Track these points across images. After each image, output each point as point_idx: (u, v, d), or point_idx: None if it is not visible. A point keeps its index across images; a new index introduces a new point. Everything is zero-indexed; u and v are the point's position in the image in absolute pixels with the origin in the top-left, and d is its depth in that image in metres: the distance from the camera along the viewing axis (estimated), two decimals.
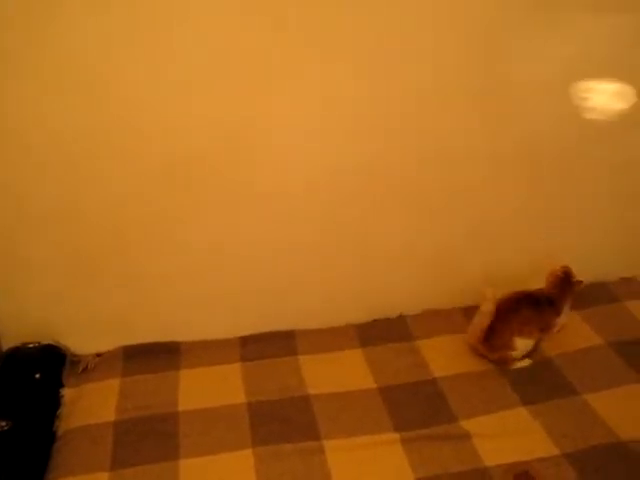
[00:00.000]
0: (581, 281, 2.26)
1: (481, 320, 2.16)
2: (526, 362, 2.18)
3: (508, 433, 1.91)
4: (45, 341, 2.18)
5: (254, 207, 2.15)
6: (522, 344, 2.15)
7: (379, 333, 2.33)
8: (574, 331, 2.30)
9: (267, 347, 2.25)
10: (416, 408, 2.01)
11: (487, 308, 2.13)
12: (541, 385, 2.07)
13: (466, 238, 2.37)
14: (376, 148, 2.12)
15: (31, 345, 2.16)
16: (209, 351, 2.24)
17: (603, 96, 2.12)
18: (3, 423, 1.90)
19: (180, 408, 2.01)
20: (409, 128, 2.12)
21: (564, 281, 2.24)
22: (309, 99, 2.01)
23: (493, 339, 2.14)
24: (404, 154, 2.16)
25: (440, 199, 2.27)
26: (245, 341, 2.30)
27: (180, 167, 2.02)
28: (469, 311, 2.37)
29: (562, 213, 2.41)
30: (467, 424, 1.94)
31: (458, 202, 2.29)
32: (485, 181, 2.27)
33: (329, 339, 2.29)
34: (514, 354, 2.15)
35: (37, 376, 2.09)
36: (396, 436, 1.89)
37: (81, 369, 2.17)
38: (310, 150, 2.09)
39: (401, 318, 2.41)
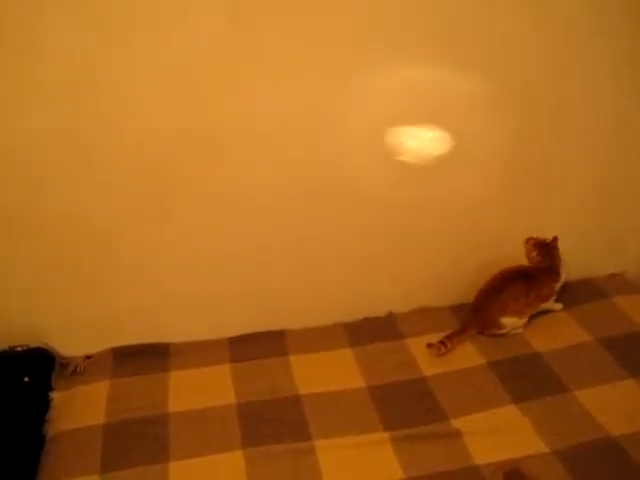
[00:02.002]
0: (555, 237, 2.31)
1: None
2: (519, 330, 2.29)
3: (498, 431, 1.90)
4: (33, 344, 2.16)
5: (241, 207, 2.15)
6: (510, 322, 2.25)
7: (368, 332, 2.33)
8: (563, 328, 2.31)
9: (256, 347, 2.25)
10: (406, 407, 2.00)
11: None
12: (531, 382, 2.07)
13: (453, 237, 2.37)
14: (359, 146, 2.13)
15: (19, 348, 2.14)
16: (198, 352, 2.23)
17: None
18: None
19: (170, 410, 2.00)
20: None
21: (544, 249, 2.30)
22: (278, 100, 2.00)
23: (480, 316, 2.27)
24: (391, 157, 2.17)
25: (425, 198, 2.28)
26: (234, 342, 2.29)
27: (164, 167, 2.02)
28: (458, 309, 2.39)
29: (550, 211, 2.42)
30: (457, 422, 1.94)
31: (443, 202, 2.30)
32: (471, 182, 2.28)
33: (319, 338, 2.29)
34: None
35: (26, 379, 2.07)
36: (386, 435, 1.89)
37: (70, 372, 2.16)
38: (292, 147, 2.09)
39: (390, 316, 2.41)
